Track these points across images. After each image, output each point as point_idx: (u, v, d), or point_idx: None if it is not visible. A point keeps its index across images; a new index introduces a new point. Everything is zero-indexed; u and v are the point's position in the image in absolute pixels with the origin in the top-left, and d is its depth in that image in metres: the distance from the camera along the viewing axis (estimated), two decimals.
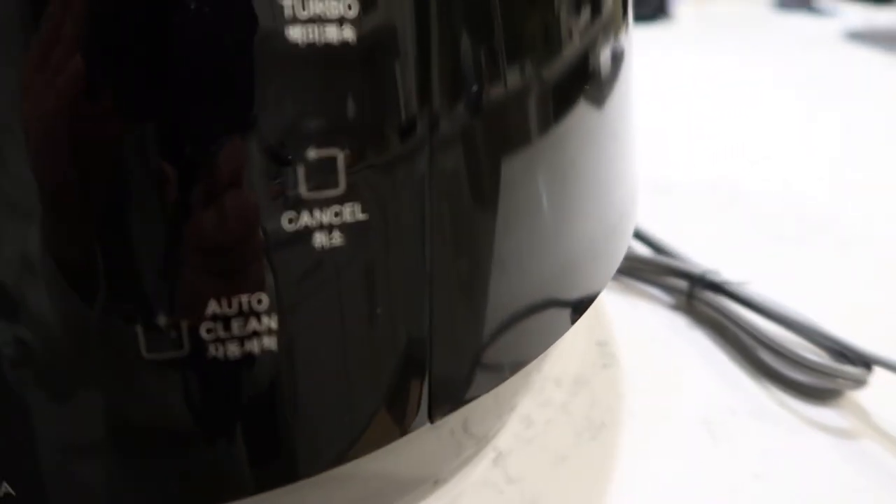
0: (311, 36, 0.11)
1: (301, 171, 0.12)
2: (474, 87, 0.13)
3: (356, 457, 0.14)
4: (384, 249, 0.13)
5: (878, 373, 0.22)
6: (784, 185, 0.42)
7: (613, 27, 0.18)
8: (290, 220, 0.12)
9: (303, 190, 0.12)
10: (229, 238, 0.11)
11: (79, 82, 0.10)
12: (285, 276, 0.12)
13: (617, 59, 0.19)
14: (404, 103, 0.12)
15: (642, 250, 0.31)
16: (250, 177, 0.11)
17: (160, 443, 0.12)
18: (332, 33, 0.11)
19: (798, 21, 1.02)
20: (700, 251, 0.31)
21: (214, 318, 0.12)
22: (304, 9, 0.11)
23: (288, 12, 0.11)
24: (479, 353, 0.15)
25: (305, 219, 0.12)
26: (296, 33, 0.11)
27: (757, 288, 0.27)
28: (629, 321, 0.28)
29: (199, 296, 0.12)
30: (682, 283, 0.29)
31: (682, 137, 0.51)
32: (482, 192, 0.14)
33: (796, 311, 0.25)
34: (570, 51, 0.16)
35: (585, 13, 0.16)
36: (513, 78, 0.14)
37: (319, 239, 0.12)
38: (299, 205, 0.12)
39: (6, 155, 0.10)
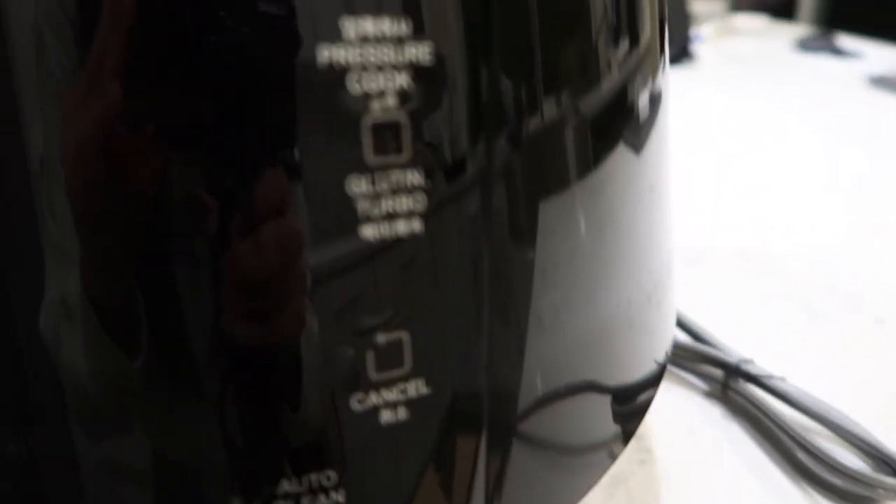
0: (382, 232, 0.12)
1: (370, 356, 0.12)
2: (529, 255, 0.14)
3: None
4: (446, 419, 0.13)
5: None
6: (812, 249, 0.42)
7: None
8: (359, 401, 0.12)
9: (372, 373, 0.12)
10: (301, 422, 0.12)
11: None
12: (352, 453, 0.13)
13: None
14: (467, 288, 0.13)
15: (678, 335, 0.31)
16: (322, 363, 0.12)
17: None
18: (402, 227, 0.12)
19: (821, 63, 1.02)
20: (732, 327, 0.31)
21: (286, 496, 0.12)
22: (376, 208, 0.12)
23: (362, 213, 0.12)
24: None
25: (373, 398, 0.12)
26: (368, 231, 0.12)
27: (793, 380, 0.27)
28: (664, 409, 0.28)
29: (271, 476, 0.12)
30: (718, 372, 0.29)
31: (709, 189, 0.51)
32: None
33: (833, 409, 0.25)
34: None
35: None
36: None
37: (386, 416, 0.13)
38: (368, 386, 0.12)
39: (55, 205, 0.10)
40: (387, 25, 0.11)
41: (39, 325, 0.11)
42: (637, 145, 0.17)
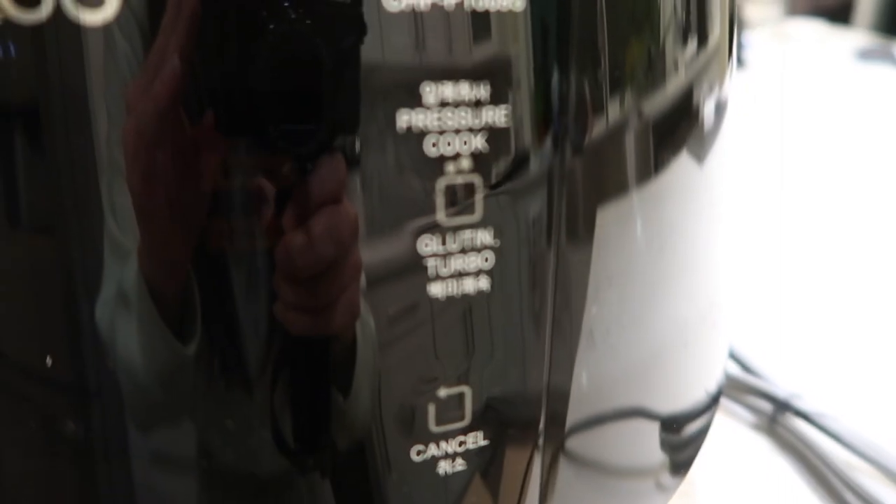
0: (450, 290, 0.12)
1: (432, 409, 0.12)
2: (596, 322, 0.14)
3: None
4: (502, 468, 0.13)
5: None
6: (871, 279, 0.41)
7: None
8: (419, 453, 0.13)
9: (432, 425, 0.13)
10: (360, 472, 0.12)
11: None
12: (409, 501, 0.13)
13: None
14: (530, 342, 0.13)
15: (728, 366, 0.31)
16: (383, 416, 0.12)
17: None
18: (470, 285, 0.12)
19: (880, 72, 0.99)
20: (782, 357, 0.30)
21: None
22: (445, 266, 0.12)
23: (431, 271, 0.12)
24: None
25: (432, 450, 0.13)
26: (437, 289, 0.12)
27: (842, 416, 0.26)
28: (709, 440, 0.28)
29: None
30: (766, 405, 0.28)
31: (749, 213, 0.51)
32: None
33: (883, 448, 0.25)
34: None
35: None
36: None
37: (444, 466, 0.13)
38: (428, 438, 0.13)
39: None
40: (466, 90, 0.11)
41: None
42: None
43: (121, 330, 0.11)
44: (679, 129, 0.16)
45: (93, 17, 0.10)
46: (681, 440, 0.19)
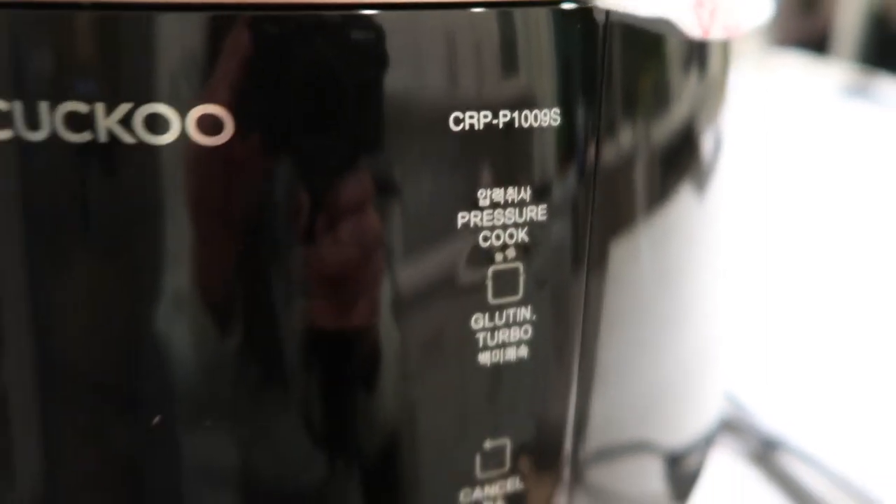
0: (495, 358, 0.14)
1: (478, 459, 0.15)
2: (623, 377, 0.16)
3: None
4: None
5: None
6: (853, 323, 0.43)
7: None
8: (464, 496, 0.15)
9: (477, 472, 0.15)
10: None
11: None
12: None
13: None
14: (560, 399, 0.15)
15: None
16: (437, 463, 0.14)
17: None
18: (511, 353, 0.14)
19: (862, 109, 1.01)
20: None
21: None
22: (492, 339, 0.14)
23: (482, 343, 0.14)
24: None
25: (477, 493, 0.15)
26: (484, 357, 0.14)
27: (825, 450, 0.29)
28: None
29: None
30: (755, 440, 0.31)
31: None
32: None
33: (862, 485, 0.27)
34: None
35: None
36: None
37: None
38: (474, 483, 0.15)
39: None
40: (513, 193, 0.13)
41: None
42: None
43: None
44: (689, 169, 0.18)
45: (210, 141, 0.12)
46: (683, 470, 0.22)
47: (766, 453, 0.30)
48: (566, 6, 0.14)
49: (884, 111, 0.98)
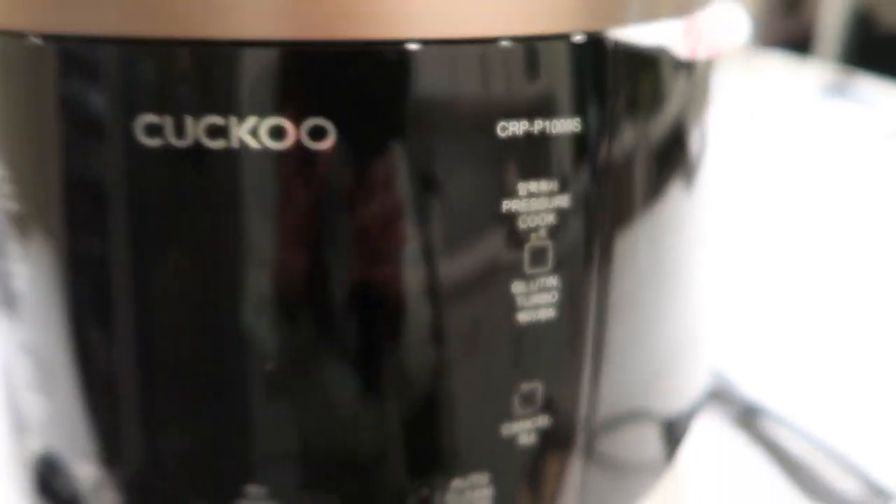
0: (529, 318, 0.18)
1: (516, 399, 0.18)
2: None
3: None
4: (557, 445, 0.19)
5: None
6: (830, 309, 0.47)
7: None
8: (505, 429, 0.18)
9: (515, 409, 0.18)
10: (460, 444, 0.18)
11: None
12: (500, 464, 0.19)
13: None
14: (581, 350, 0.19)
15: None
16: (483, 404, 0.18)
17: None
18: (542, 314, 0.18)
19: (843, 108, 1.05)
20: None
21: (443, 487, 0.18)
22: (527, 301, 0.18)
23: (519, 305, 0.18)
24: None
25: (514, 427, 0.19)
26: (521, 317, 0.18)
27: (802, 416, 0.33)
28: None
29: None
30: (738, 407, 0.35)
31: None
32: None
33: (836, 444, 0.31)
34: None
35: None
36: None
37: (522, 439, 0.19)
38: (511, 418, 0.18)
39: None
40: (544, 185, 0.17)
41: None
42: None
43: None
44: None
45: (318, 146, 0.16)
46: (674, 436, 0.25)
47: (747, 419, 0.34)
48: (579, 39, 0.17)
49: (864, 110, 1.02)
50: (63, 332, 0.18)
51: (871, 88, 1.12)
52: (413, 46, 0.16)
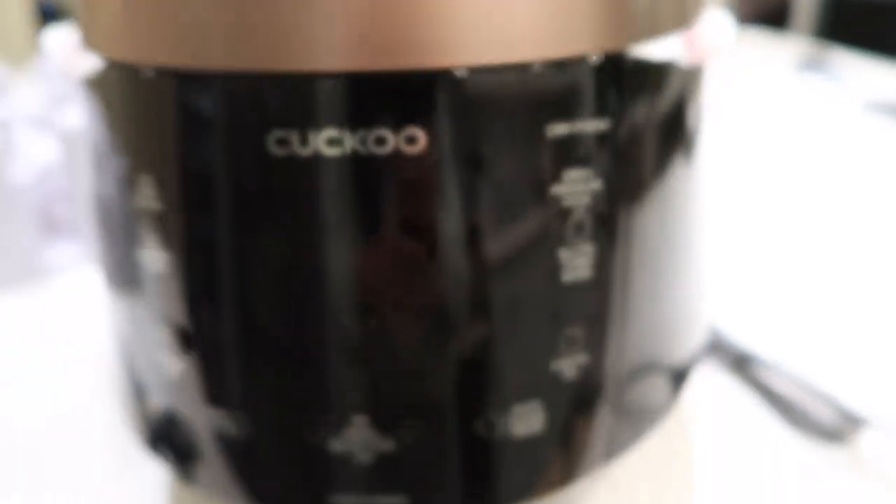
0: (572, 277, 0.23)
1: (562, 340, 0.23)
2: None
3: None
4: (590, 381, 0.24)
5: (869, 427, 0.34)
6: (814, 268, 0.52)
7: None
8: (553, 364, 0.24)
9: (562, 348, 0.23)
10: (516, 380, 0.23)
11: None
12: (554, 394, 0.24)
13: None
14: (614, 308, 0.24)
15: None
16: (535, 339, 0.23)
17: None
18: (581, 273, 0.23)
19: (819, 83, 1.09)
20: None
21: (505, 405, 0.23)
22: (571, 263, 0.23)
23: (564, 267, 0.23)
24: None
25: (562, 363, 0.24)
26: (566, 276, 0.23)
27: (790, 362, 0.38)
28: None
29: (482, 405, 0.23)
30: (732, 356, 0.40)
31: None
32: None
33: (816, 383, 0.37)
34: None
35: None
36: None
37: (567, 373, 0.24)
38: (559, 355, 0.23)
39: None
40: (582, 172, 0.22)
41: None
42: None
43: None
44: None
45: (412, 150, 0.21)
46: (679, 382, 0.30)
47: (740, 365, 0.39)
48: (600, 58, 0.22)
49: (840, 83, 1.07)
50: (199, 303, 0.23)
51: (847, 62, 1.16)
52: (462, 73, 0.20)
